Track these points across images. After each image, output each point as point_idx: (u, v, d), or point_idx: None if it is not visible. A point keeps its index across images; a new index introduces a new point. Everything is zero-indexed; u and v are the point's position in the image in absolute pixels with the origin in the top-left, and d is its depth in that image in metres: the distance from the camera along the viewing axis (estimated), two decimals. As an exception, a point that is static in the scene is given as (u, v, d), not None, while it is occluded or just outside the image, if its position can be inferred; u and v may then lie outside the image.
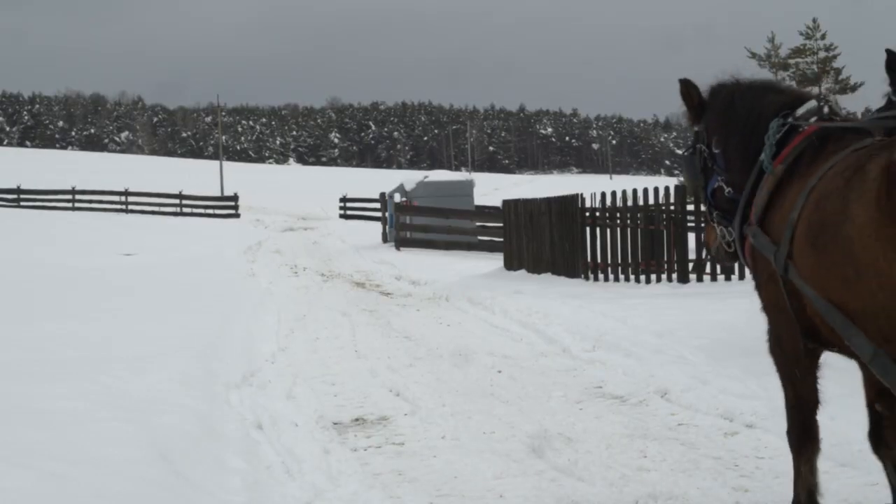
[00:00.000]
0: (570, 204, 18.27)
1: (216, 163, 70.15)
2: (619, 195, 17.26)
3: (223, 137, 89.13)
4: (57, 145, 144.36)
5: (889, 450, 4.36)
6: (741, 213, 4.76)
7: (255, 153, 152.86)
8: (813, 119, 4.61)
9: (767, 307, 4.58)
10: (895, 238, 3.62)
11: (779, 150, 4.60)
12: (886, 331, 3.73)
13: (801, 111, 4.70)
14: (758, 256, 4.56)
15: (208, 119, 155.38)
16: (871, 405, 4.38)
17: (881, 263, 3.67)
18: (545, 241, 19.28)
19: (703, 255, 4.90)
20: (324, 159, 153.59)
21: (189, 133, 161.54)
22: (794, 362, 4.45)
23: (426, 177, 34.29)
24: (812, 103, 4.74)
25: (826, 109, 4.71)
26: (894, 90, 4.42)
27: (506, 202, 22.06)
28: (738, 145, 4.92)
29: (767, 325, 4.60)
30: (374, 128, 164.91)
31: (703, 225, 11.90)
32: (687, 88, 5.24)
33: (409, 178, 34.63)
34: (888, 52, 4.45)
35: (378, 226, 35.22)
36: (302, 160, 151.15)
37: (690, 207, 16.08)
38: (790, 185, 4.42)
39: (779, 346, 4.54)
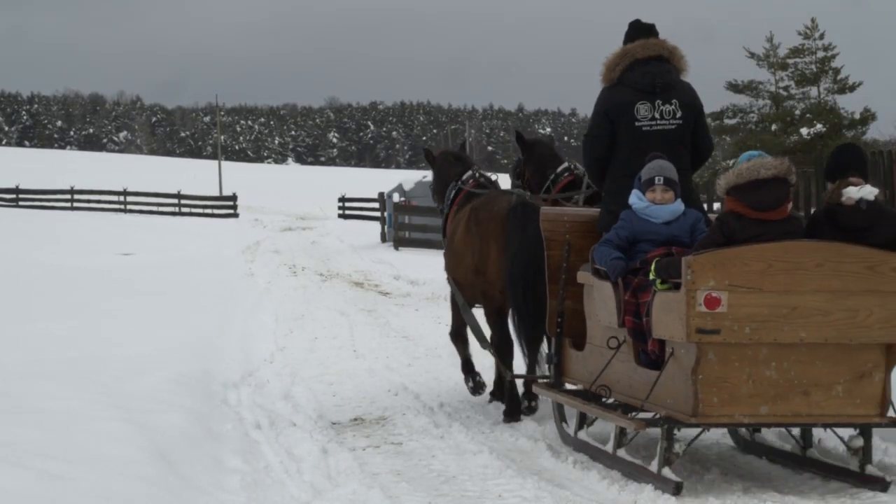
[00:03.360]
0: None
1: (215, 162, 69.85)
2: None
3: (222, 137, 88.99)
4: (56, 145, 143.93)
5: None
6: (443, 231, 8.81)
7: (254, 153, 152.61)
8: (471, 181, 8.57)
9: (449, 281, 8.54)
10: (470, 245, 7.93)
11: (454, 200, 8.58)
12: (467, 293, 8.20)
13: (465, 177, 8.63)
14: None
15: (207, 119, 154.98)
16: None
17: (464, 257, 8.05)
18: (544, 241, 19.26)
19: None
20: (322, 159, 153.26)
21: (188, 133, 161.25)
22: (457, 310, 8.50)
23: (425, 177, 34.18)
24: (470, 172, 8.71)
25: (478, 175, 8.70)
26: (522, 153, 8.83)
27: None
28: (440, 192, 8.99)
29: (450, 291, 8.59)
30: (372, 127, 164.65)
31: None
32: (426, 152, 9.45)
33: (408, 177, 34.55)
34: (517, 132, 9.04)
35: (376, 225, 35.03)
36: (300, 160, 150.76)
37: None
38: (454, 219, 8.41)
39: (453, 301, 8.56)
